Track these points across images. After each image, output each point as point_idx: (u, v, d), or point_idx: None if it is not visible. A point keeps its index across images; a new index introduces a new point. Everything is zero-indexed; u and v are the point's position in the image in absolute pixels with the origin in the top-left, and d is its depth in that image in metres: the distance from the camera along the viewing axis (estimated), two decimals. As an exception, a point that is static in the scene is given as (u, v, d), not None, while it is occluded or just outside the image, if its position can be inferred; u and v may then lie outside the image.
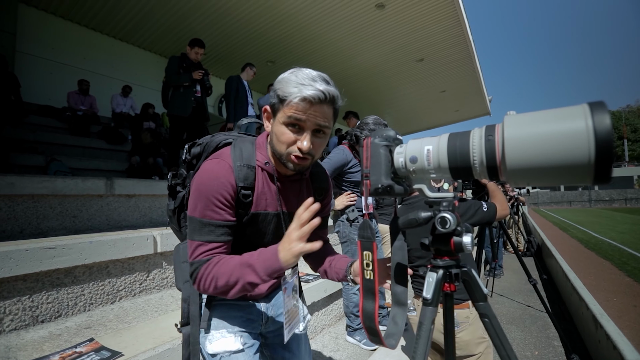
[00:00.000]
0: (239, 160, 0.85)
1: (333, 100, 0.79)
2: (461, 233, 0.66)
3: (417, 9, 6.23)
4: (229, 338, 0.92)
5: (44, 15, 6.38)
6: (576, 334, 2.95)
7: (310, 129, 0.79)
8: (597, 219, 16.15)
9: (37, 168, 4.06)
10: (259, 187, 0.88)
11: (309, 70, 0.78)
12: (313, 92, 0.74)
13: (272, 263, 0.74)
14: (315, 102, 0.75)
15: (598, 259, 6.45)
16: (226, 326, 0.94)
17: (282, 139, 0.79)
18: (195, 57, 4.25)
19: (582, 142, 0.45)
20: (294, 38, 7.20)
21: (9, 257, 1.57)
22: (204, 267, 0.79)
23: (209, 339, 0.92)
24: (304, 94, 0.74)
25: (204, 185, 0.81)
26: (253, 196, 0.87)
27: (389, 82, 9.76)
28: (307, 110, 0.76)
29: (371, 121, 2.21)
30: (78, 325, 1.71)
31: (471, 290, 0.71)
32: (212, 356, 0.92)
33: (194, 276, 0.81)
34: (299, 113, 0.76)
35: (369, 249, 0.68)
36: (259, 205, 0.88)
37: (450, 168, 0.60)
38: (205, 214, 0.80)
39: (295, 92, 0.74)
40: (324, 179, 1.05)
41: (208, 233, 0.80)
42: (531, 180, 0.53)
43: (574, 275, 3.64)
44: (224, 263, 0.78)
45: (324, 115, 0.79)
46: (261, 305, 1.01)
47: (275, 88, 0.80)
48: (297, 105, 0.75)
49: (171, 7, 6.20)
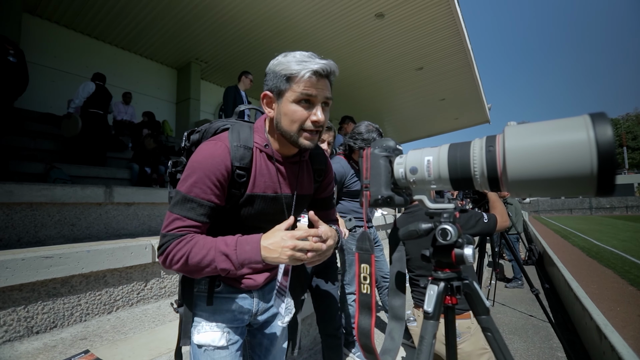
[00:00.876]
0: (236, 141, 0.86)
1: (333, 73, 0.83)
2: (462, 245, 0.65)
3: (416, 19, 6.31)
4: (216, 332, 0.94)
5: (47, 25, 6.47)
6: (580, 345, 2.90)
7: (320, 102, 0.82)
8: (599, 227, 16.08)
9: (37, 175, 4.05)
10: (257, 168, 0.89)
11: (300, 51, 0.83)
12: (319, 65, 0.78)
13: (251, 257, 0.75)
14: (323, 75, 0.80)
15: (600, 268, 6.40)
16: (217, 320, 0.95)
17: (296, 117, 0.81)
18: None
19: (584, 154, 0.44)
20: (294, 47, 7.22)
21: (5, 266, 1.55)
22: (175, 242, 0.78)
23: (198, 329, 0.94)
24: (313, 67, 0.78)
25: (198, 162, 0.81)
26: (250, 177, 0.87)
27: (388, 90, 9.83)
28: (316, 84, 0.80)
29: (364, 129, 2.16)
30: (74, 336, 1.68)
31: (473, 303, 0.70)
32: (197, 346, 0.94)
33: (162, 249, 0.80)
34: (309, 88, 0.79)
35: (367, 261, 0.67)
36: (256, 187, 0.89)
37: (450, 179, 0.59)
38: (193, 190, 0.80)
39: (303, 68, 0.78)
40: (322, 160, 1.07)
41: (189, 210, 0.80)
42: (533, 191, 0.52)
43: (576, 284, 3.60)
44: (198, 243, 0.78)
45: (328, 88, 0.83)
46: (254, 299, 1.02)
47: (276, 70, 0.82)
48: (307, 80, 0.78)
49: (173, 17, 6.28)
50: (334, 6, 5.87)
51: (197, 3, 5.84)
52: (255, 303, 1.02)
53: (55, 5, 6.07)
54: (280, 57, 0.83)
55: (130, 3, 5.93)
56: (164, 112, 8.34)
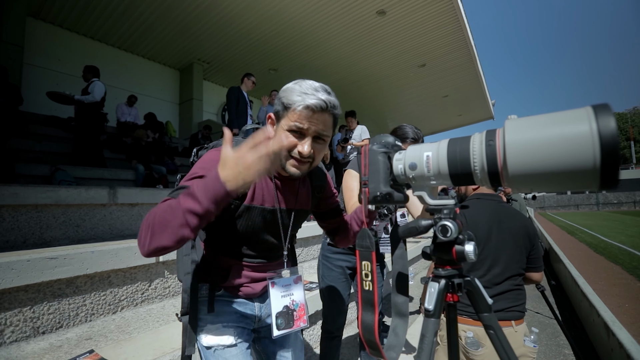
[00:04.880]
0: None
1: (334, 108, 0.84)
2: (463, 241, 0.64)
3: (418, 15, 6.26)
4: (223, 332, 0.95)
5: (51, 28, 6.52)
6: (587, 342, 2.87)
7: (311, 136, 0.83)
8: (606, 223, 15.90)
9: (42, 178, 4.10)
10: (256, 182, 0.87)
11: (312, 81, 0.84)
12: (315, 101, 0.79)
13: (213, 184, 0.64)
14: (317, 111, 0.81)
15: (608, 264, 6.32)
16: (222, 321, 0.96)
17: (285, 143, 0.81)
18: None
19: (587, 147, 0.43)
20: (295, 46, 7.27)
21: (11, 267, 1.56)
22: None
23: (205, 331, 0.95)
24: (307, 102, 0.79)
25: (203, 163, 0.84)
26: (249, 189, 0.87)
27: (391, 87, 9.79)
28: (310, 118, 0.81)
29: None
30: (79, 336, 1.69)
31: (475, 300, 0.69)
32: (206, 348, 0.95)
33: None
34: (301, 120, 0.81)
35: (368, 258, 0.66)
36: (254, 199, 0.91)
37: (450, 174, 0.58)
38: (189, 181, 0.78)
39: (299, 101, 0.80)
40: (321, 177, 1.08)
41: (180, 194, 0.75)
42: (534, 186, 0.51)
43: (583, 281, 3.56)
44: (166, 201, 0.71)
45: (324, 123, 0.84)
46: (255, 304, 1.03)
47: (280, 96, 0.85)
48: (300, 113, 0.80)
49: (174, 18, 6.30)
50: (334, 4, 5.84)
51: (198, 4, 5.86)
52: (257, 308, 1.03)
53: (59, 9, 6.12)
54: (291, 84, 0.85)
55: (132, 5, 5.96)
56: (167, 113, 8.38)
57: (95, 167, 4.79)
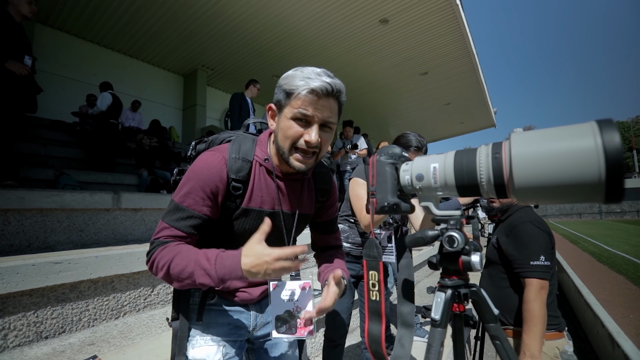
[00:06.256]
0: (235, 153, 0.84)
1: (339, 93, 0.79)
2: (470, 252, 0.65)
3: (421, 24, 6.33)
4: (212, 347, 0.90)
5: (58, 34, 6.63)
6: (592, 353, 2.84)
7: (317, 123, 0.78)
8: (609, 232, 15.79)
9: (47, 182, 4.13)
10: (254, 182, 0.86)
11: (313, 67, 0.79)
12: (320, 83, 0.75)
13: (232, 273, 0.70)
14: (322, 95, 0.76)
15: (612, 273, 6.27)
16: (212, 333, 0.91)
17: (289, 133, 0.78)
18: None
19: (592, 161, 0.44)
20: (299, 53, 7.35)
21: (15, 271, 1.57)
22: (160, 248, 0.78)
23: (193, 343, 0.90)
24: (312, 85, 0.74)
25: (194, 173, 0.81)
26: (246, 191, 0.85)
27: (393, 95, 9.85)
28: (315, 103, 0.76)
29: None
30: (82, 341, 1.69)
31: (481, 311, 0.69)
32: None
33: (149, 255, 0.79)
34: (306, 107, 0.76)
35: (375, 268, 0.67)
36: (253, 201, 0.86)
37: (457, 186, 0.59)
38: (186, 200, 0.79)
39: (302, 85, 0.75)
40: (327, 180, 1.01)
41: (178, 220, 0.79)
42: (540, 198, 0.52)
43: (587, 291, 3.53)
44: (181, 253, 0.75)
45: (330, 109, 0.79)
46: (251, 312, 0.98)
47: (281, 84, 0.80)
48: (304, 98, 0.75)
49: (179, 25, 6.39)
50: (338, 12, 5.92)
51: (204, 12, 5.95)
52: (252, 317, 0.98)
53: (66, 16, 6.22)
54: (291, 71, 0.80)
55: (138, 12, 6.06)
56: (170, 119, 8.45)
57: (101, 171, 4.83)
